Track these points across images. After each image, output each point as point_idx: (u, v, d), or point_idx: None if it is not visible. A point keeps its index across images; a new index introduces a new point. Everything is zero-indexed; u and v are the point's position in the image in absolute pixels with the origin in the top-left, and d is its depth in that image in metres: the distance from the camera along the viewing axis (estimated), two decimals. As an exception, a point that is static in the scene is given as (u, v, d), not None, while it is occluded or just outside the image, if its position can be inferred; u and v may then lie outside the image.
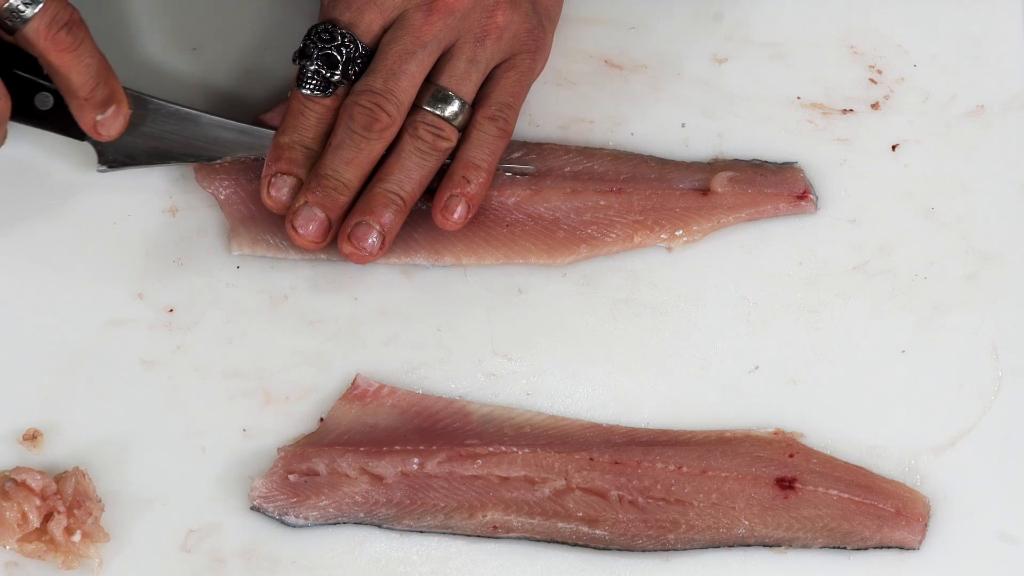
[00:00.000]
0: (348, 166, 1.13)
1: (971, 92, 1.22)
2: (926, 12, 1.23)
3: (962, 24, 1.23)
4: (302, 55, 1.13)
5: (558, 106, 1.20)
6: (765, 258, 1.18)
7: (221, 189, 1.17)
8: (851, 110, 1.22)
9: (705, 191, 1.19)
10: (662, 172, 1.19)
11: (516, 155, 1.19)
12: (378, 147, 1.13)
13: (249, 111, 1.20)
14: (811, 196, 1.19)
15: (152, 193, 1.18)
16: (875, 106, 1.22)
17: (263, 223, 1.17)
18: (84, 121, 1.12)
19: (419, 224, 1.17)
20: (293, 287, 1.17)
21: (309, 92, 1.13)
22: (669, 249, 1.18)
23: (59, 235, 1.17)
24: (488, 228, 1.18)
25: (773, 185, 1.19)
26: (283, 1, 1.23)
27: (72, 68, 1.09)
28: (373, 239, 1.13)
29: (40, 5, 1.06)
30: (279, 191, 1.14)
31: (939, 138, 1.21)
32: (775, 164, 1.20)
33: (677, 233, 1.18)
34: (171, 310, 1.16)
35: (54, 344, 1.15)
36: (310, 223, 1.13)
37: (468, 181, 1.14)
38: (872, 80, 1.22)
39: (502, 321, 1.17)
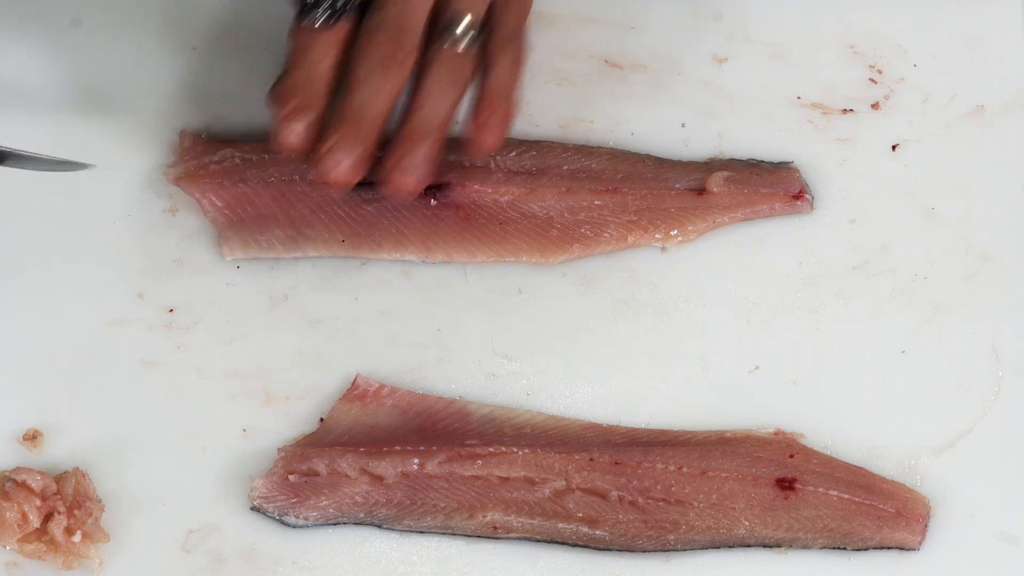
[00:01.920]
0: (377, 97, 1.09)
1: (971, 92, 1.22)
2: (926, 12, 1.23)
3: (962, 24, 1.23)
4: None
5: (558, 106, 1.20)
6: (765, 258, 1.18)
7: (202, 195, 1.17)
8: (851, 110, 1.21)
9: (701, 191, 1.19)
10: (659, 171, 1.19)
11: (513, 153, 1.19)
12: (404, 75, 1.10)
13: (249, 111, 1.20)
14: (807, 196, 1.19)
15: (152, 193, 1.18)
16: (875, 106, 1.22)
17: (251, 225, 1.17)
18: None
19: (411, 220, 1.17)
20: (293, 287, 1.17)
21: (316, 23, 1.10)
22: (663, 249, 1.18)
23: (59, 235, 1.17)
24: (481, 226, 1.18)
25: (769, 185, 1.19)
26: (283, 1, 1.23)
27: None
28: (416, 174, 1.10)
29: None
30: (295, 132, 1.09)
31: (939, 138, 1.21)
32: (771, 164, 1.20)
33: (672, 233, 1.18)
34: (171, 310, 1.16)
35: (54, 344, 1.15)
36: (343, 160, 1.08)
37: (495, 111, 1.11)
38: (872, 80, 1.22)
39: (502, 321, 1.17)
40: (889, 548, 1.12)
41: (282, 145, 1.10)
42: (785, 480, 1.13)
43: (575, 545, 1.12)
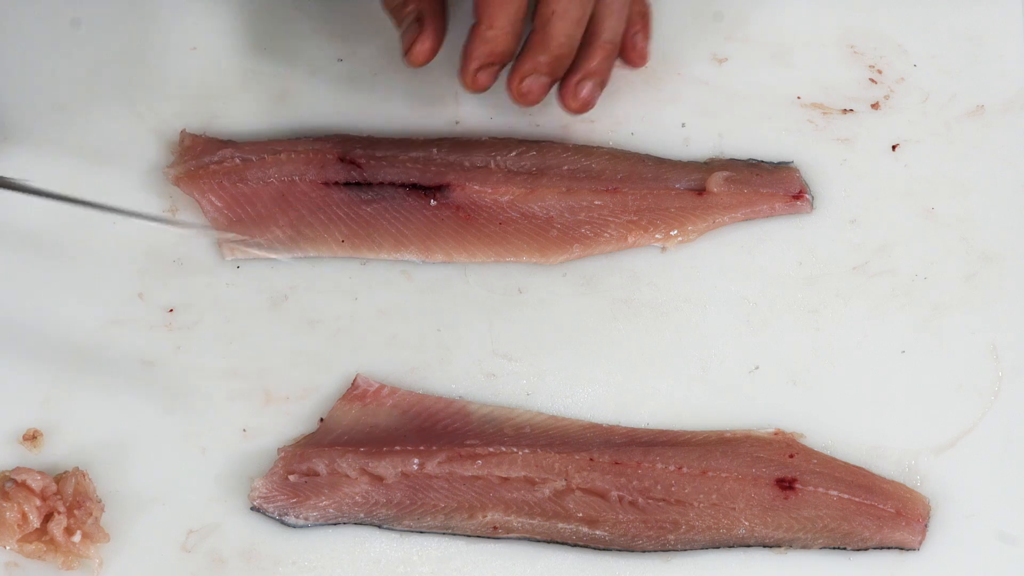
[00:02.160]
0: (578, 26, 1.12)
1: (971, 92, 1.22)
2: (926, 12, 1.23)
3: (962, 24, 1.23)
4: None
5: (558, 106, 1.20)
6: (765, 258, 1.18)
7: (202, 195, 1.17)
8: (851, 110, 1.22)
9: (701, 191, 1.19)
10: (659, 171, 1.19)
11: (513, 153, 1.19)
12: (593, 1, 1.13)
13: (249, 111, 1.20)
14: (807, 196, 1.19)
15: (152, 193, 1.18)
16: (875, 106, 1.22)
17: (251, 226, 1.17)
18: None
19: (411, 220, 1.17)
20: (293, 287, 1.17)
21: None
22: (663, 249, 1.18)
23: (59, 235, 1.17)
24: (481, 226, 1.18)
25: (769, 185, 1.19)
26: (283, 1, 1.23)
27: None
28: (597, 93, 1.15)
29: None
30: (490, 79, 1.14)
31: (939, 138, 1.21)
32: (771, 164, 1.20)
33: (672, 233, 1.18)
34: (171, 310, 1.16)
35: (54, 344, 1.15)
36: (538, 90, 1.13)
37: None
38: (872, 80, 1.22)
39: (502, 321, 1.17)
40: (889, 548, 1.12)
41: (468, 88, 1.14)
42: (785, 480, 1.13)
43: (575, 545, 1.12)
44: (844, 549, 1.12)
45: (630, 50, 1.18)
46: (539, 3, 1.12)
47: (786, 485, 1.12)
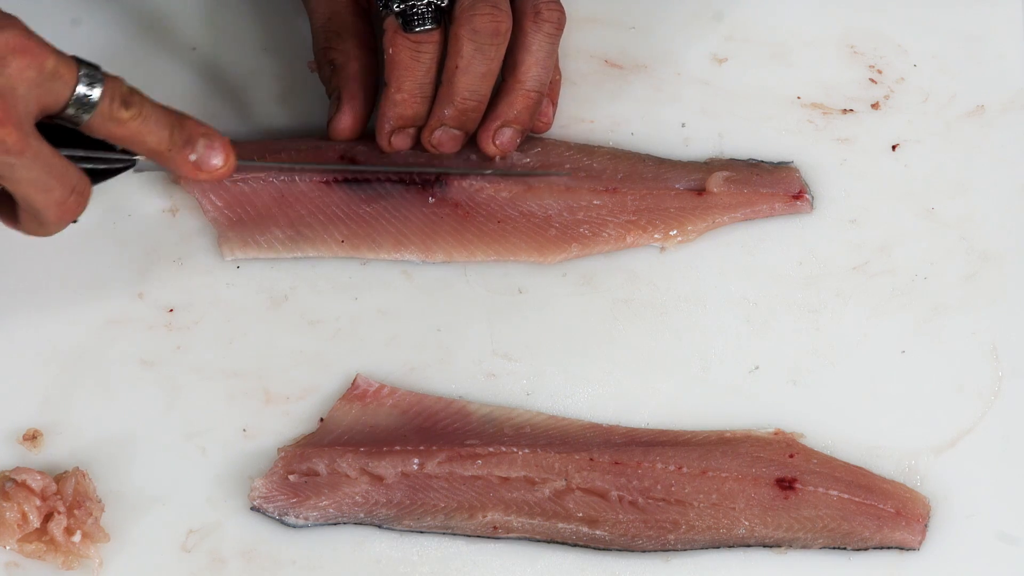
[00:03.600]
0: (484, 80, 1.12)
1: (971, 92, 1.22)
2: (926, 12, 1.23)
3: (962, 24, 1.23)
4: None
5: (558, 106, 1.20)
6: (765, 258, 1.18)
7: (202, 195, 1.17)
8: (851, 110, 1.21)
9: (701, 191, 1.19)
10: (659, 171, 1.19)
11: (518, 155, 1.19)
12: (503, 51, 1.12)
13: (248, 111, 1.20)
14: (807, 196, 1.19)
15: (152, 193, 1.18)
16: (875, 106, 1.22)
17: (251, 225, 1.17)
18: (181, 170, 1.08)
19: (410, 220, 1.17)
20: (293, 287, 1.17)
21: (425, 28, 1.10)
22: (662, 249, 1.18)
23: (59, 235, 1.17)
24: (480, 224, 1.18)
25: (769, 185, 1.19)
26: (283, 1, 1.23)
27: (143, 134, 1.06)
28: (516, 139, 1.15)
29: (101, 85, 1.04)
30: (405, 142, 1.15)
31: (939, 138, 1.21)
32: (771, 164, 1.20)
33: (671, 233, 1.18)
34: (171, 310, 1.16)
35: (54, 344, 1.15)
36: (449, 142, 1.14)
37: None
38: (872, 80, 1.22)
39: (502, 321, 1.17)
40: (889, 548, 1.12)
41: (390, 151, 1.15)
42: (785, 480, 1.13)
43: (575, 545, 1.12)
44: (844, 549, 1.12)
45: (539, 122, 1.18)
46: (446, 58, 1.12)
47: (786, 485, 1.12)
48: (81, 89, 1.03)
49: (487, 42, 1.10)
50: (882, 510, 1.12)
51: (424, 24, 1.10)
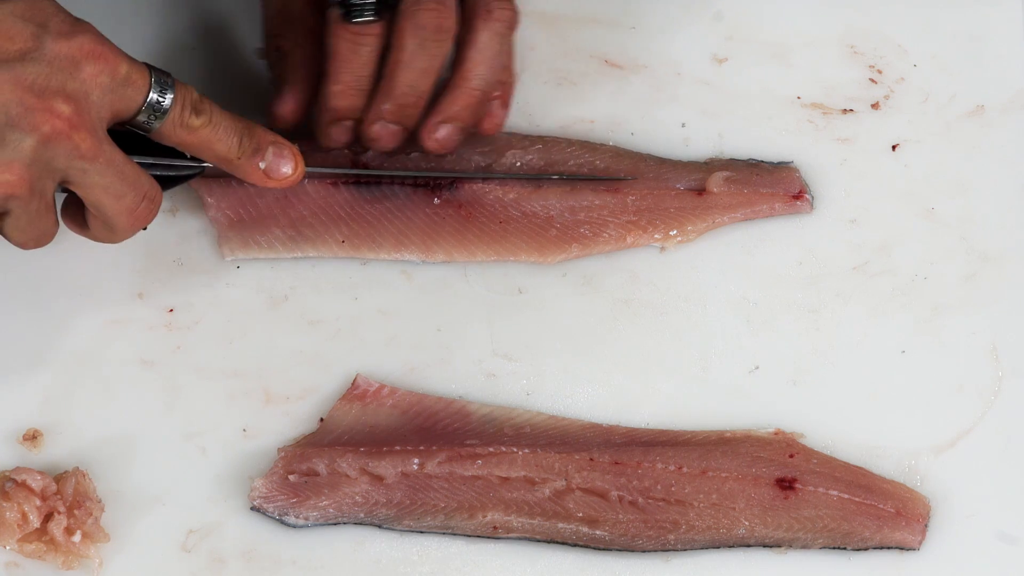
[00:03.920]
0: (424, 76, 1.11)
1: (971, 92, 1.22)
2: (926, 12, 1.23)
3: (962, 24, 1.23)
4: None
5: (558, 106, 1.20)
6: (765, 258, 1.18)
7: (207, 195, 1.17)
8: (851, 110, 1.22)
9: (701, 191, 1.19)
10: (659, 171, 1.19)
11: (519, 148, 1.19)
12: (447, 47, 1.11)
13: (248, 112, 1.19)
14: (807, 196, 1.19)
15: (152, 193, 1.18)
16: (875, 106, 1.22)
17: (252, 225, 1.17)
18: (251, 178, 1.10)
19: (411, 220, 1.17)
20: (293, 287, 1.17)
21: (365, 20, 1.10)
22: (662, 249, 1.18)
23: (60, 235, 1.17)
24: (481, 225, 1.18)
25: (769, 185, 1.19)
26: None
27: (213, 141, 1.07)
28: (456, 136, 1.14)
29: (172, 92, 1.05)
30: (342, 136, 1.13)
31: (939, 138, 1.21)
32: (771, 164, 1.20)
33: (671, 233, 1.18)
34: (171, 310, 1.16)
35: (54, 344, 1.15)
36: (387, 137, 1.13)
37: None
38: (872, 80, 1.22)
39: (502, 321, 1.17)
40: (889, 548, 1.12)
41: (331, 144, 1.14)
42: (785, 480, 1.13)
43: (575, 545, 1.12)
44: (844, 549, 1.12)
45: (484, 116, 1.16)
46: (389, 52, 1.11)
47: (786, 485, 1.12)
48: (153, 96, 1.04)
49: (430, 38, 1.10)
50: (882, 510, 1.12)
51: (364, 16, 1.09)
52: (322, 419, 1.14)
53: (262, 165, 1.09)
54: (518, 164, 1.19)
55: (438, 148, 1.14)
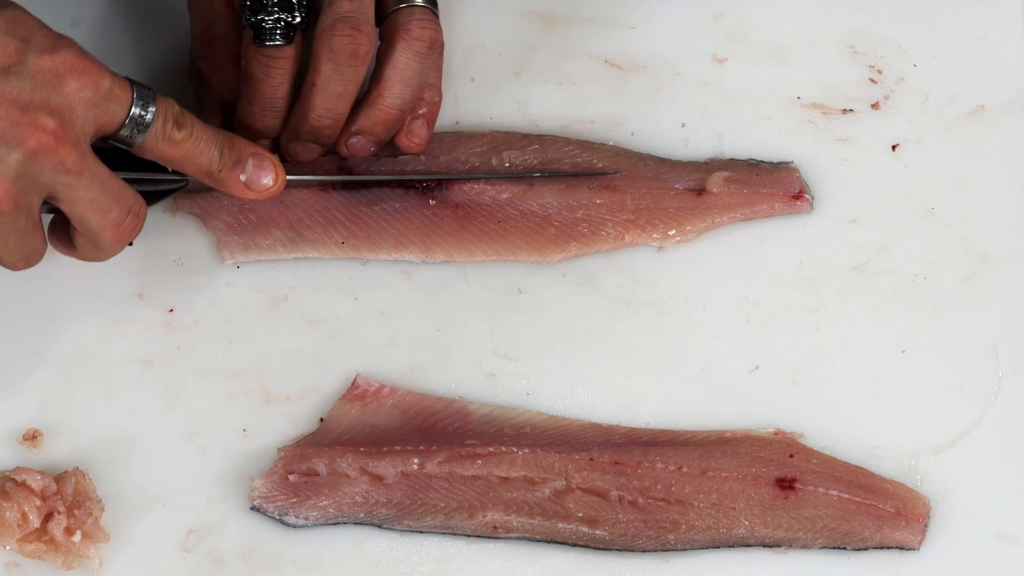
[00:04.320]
0: (340, 100, 1.11)
1: (971, 92, 1.22)
2: (926, 12, 1.23)
3: (962, 24, 1.23)
4: (255, 9, 1.10)
5: (558, 106, 1.20)
6: (765, 258, 1.18)
7: (198, 206, 1.17)
8: (851, 110, 1.21)
9: (700, 191, 1.19)
10: (659, 171, 1.19)
11: (516, 148, 1.19)
12: (363, 72, 1.11)
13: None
14: (807, 196, 1.19)
15: (152, 193, 1.18)
16: (875, 106, 1.22)
17: (250, 229, 1.17)
18: (232, 190, 1.10)
19: (410, 221, 1.17)
20: (293, 287, 1.17)
21: (274, 43, 1.10)
22: (660, 248, 1.18)
23: (59, 235, 1.17)
24: (480, 224, 1.18)
25: (769, 185, 1.19)
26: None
27: (195, 155, 1.07)
28: (368, 147, 1.14)
29: (154, 106, 1.05)
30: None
31: (939, 138, 1.21)
32: (771, 164, 1.20)
33: (670, 233, 1.18)
34: (171, 310, 1.16)
35: (54, 344, 1.15)
36: (304, 153, 1.13)
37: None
38: (872, 80, 1.22)
39: (502, 321, 1.17)
40: (889, 548, 1.12)
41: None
42: (785, 480, 1.13)
43: (575, 545, 1.12)
44: (844, 549, 1.12)
45: (404, 134, 1.16)
46: (307, 73, 1.11)
47: (786, 485, 1.12)
48: (136, 110, 1.04)
49: (345, 63, 1.10)
50: (882, 510, 1.12)
51: (273, 40, 1.10)
52: (322, 419, 1.14)
53: (243, 177, 1.09)
54: (507, 164, 1.19)
55: (350, 154, 1.15)
